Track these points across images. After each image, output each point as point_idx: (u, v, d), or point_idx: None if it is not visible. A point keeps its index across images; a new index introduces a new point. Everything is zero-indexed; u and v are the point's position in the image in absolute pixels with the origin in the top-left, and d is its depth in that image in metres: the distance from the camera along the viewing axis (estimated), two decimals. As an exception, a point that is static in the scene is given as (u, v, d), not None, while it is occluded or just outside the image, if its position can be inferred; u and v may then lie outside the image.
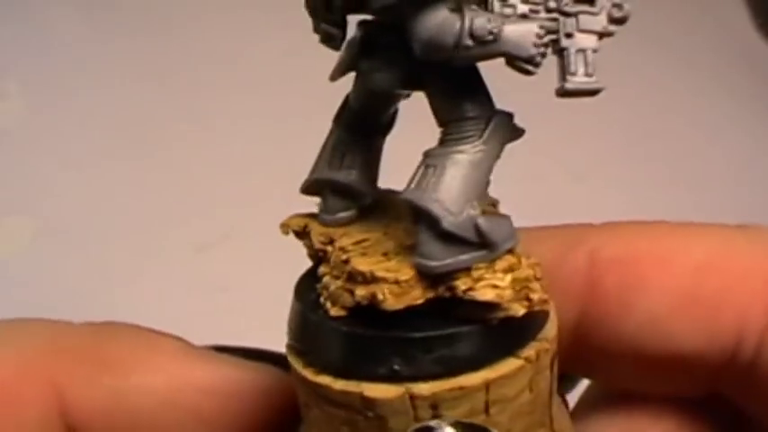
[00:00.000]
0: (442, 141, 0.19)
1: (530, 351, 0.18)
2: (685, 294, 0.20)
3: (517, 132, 0.19)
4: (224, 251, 0.49)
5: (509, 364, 0.18)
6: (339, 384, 0.18)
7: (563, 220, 0.26)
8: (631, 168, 0.54)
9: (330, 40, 0.20)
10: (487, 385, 0.18)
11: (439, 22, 0.17)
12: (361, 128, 0.21)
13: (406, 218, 0.20)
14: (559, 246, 0.21)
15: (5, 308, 0.48)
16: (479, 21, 0.17)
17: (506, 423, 0.18)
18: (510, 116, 0.19)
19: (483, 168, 0.18)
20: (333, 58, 0.23)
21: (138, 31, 0.62)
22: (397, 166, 0.20)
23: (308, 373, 0.19)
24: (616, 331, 0.20)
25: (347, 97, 0.20)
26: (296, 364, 0.19)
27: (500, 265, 0.18)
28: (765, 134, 0.58)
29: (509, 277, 0.18)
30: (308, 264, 0.21)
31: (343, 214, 0.21)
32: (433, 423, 0.18)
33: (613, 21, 0.19)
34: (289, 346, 0.20)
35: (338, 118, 0.21)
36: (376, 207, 0.21)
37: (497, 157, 0.19)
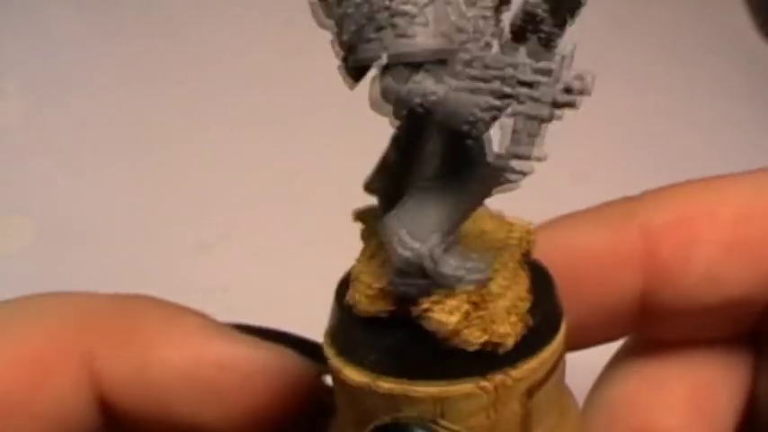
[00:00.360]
0: (432, 177, 0.19)
1: (486, 382, 0.19)
2: (730, 244, 0.22)
3: (507, 183, 0.19)
4: (224, 251, 0.49)
5: (463, 387, 0.19)
6: (332, 360, 0.20)
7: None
8: (631, 168, 0.54)
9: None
10: (439, 398, 0.19)
11: (385, 83, 0.18)
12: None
13: None
14: (611, 225, 0.22)
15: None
16: (416, 87, 0.18)
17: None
18: (501, 168, 0.19)
19: (455, 207, 0.19)
20: (332, 59, 0.23)
21: (138, 31, 0.62)
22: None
23: (324, 345, 0.21)
24: (676, 290, 0.22)
25: None
26: (325, 336, 0.21)
27: (461, 296, 0.19)
28: (765, 134, 0.58)
29: (463, 308, 0.19)
30: (308, 264, 0.24)
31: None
32: (388, 421, 0.19)
33: (571, 93, 0.18)
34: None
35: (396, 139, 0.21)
36: None
37: (477, 201, 0.19)
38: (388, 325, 0.20)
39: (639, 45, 0.63)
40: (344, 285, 0.21)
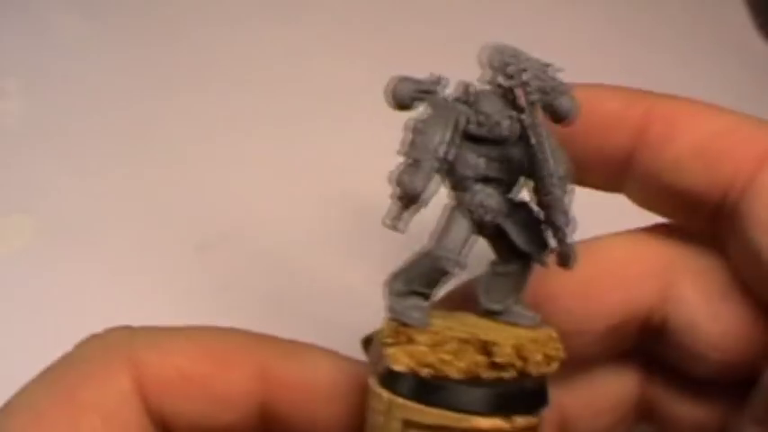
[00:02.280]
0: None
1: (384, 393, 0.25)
2: (703, 147, 0.28)
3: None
4: (224, 251, 0.49)
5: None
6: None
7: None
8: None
9: None
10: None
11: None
12: None
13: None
14: (621, 100, 0.30)
15: (5, 307, 0.48)
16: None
17: None
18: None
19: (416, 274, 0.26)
20: (332, 59, 0.23)
21: (139, 31, 0.62)
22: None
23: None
24: (652, 166, 0.29)
25: None
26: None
27: (393, 323, 0.26)
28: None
29: (392, 328, 0.25)
30: (301, 268, 0.27)
31: None
32: None
33: None
34: None
35: None
36: None
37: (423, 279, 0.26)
38: None
39: (639, 45, 0.63)
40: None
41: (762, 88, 0.60)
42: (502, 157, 0.26)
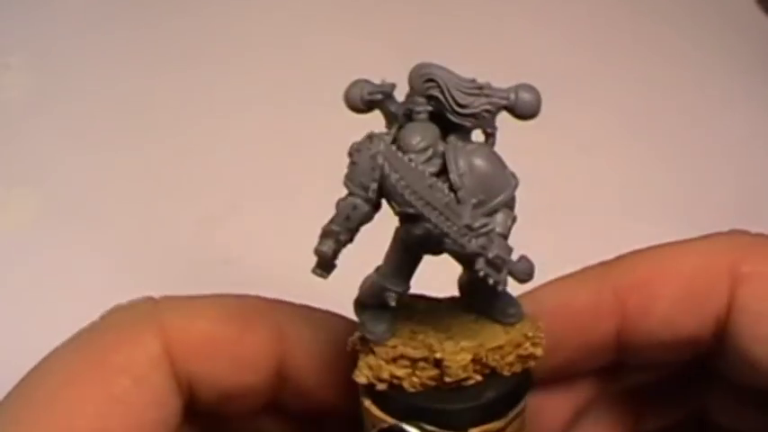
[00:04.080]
0: None
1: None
2: (683, 298, 0.29)
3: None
4: (230, 224, 0.49)
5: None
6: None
7: (567, 191, 0.27)
8: (636, 141, 0.54)
9: None
10: None
11: None
12: None
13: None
14: (590, 287, 0.29)
15: (10, 280, 0.48)
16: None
17: None
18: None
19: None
20: (333, 37, 0.23)
21: (143, 5, 0.62)
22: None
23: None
24: (641, 334, 0.29)
25: None
26: None
27: (358, 336, 0.26)
28: (768, 109, 0.58)
29: (356, 337, 0.26)
30: (314, 238, 0.26)
31: None
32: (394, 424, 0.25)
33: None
34: None
35: None
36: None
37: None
38: None
39: (644, 21, 0.63)
40: None
41: (763, 62, 0.60)
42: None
